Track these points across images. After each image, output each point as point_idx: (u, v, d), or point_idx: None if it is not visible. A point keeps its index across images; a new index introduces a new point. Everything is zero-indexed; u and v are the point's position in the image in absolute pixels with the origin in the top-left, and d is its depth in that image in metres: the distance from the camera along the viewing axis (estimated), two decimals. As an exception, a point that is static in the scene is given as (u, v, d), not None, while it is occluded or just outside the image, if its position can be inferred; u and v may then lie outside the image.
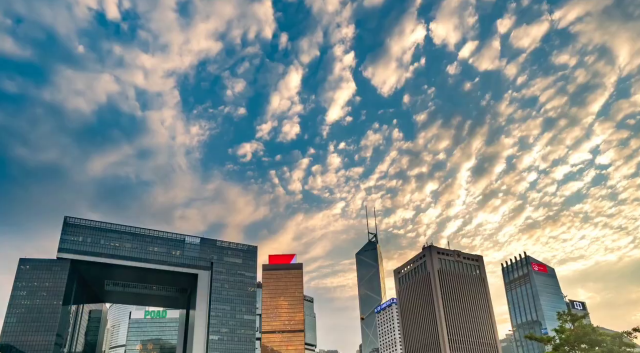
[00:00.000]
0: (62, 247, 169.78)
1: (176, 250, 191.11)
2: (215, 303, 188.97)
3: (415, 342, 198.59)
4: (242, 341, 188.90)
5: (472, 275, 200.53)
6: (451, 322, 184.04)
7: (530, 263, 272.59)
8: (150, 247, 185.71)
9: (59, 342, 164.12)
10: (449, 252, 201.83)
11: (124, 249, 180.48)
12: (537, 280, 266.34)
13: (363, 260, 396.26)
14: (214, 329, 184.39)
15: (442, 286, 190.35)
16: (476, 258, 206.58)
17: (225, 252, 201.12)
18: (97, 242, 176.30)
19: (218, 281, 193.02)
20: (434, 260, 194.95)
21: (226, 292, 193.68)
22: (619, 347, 46.99)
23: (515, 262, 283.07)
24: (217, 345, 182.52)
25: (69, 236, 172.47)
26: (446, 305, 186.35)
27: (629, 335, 47.96)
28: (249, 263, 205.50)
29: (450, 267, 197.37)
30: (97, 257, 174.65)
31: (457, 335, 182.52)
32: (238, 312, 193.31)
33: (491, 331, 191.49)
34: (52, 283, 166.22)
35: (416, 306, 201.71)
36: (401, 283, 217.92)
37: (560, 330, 51.80)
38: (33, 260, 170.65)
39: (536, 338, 57.11)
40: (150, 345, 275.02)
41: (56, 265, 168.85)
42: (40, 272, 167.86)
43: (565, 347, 50.44)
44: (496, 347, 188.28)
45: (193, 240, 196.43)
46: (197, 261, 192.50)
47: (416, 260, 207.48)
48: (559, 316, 53.72)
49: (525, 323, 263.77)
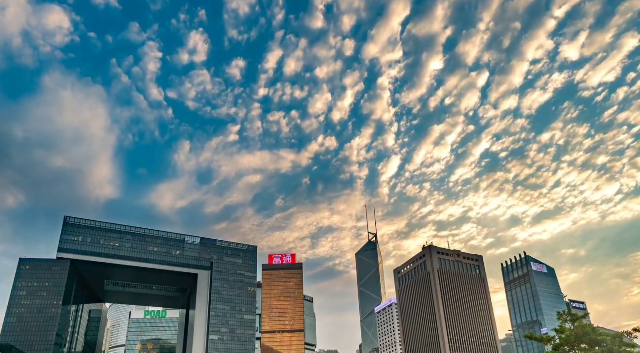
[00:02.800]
0: (62, 247, 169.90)
1: (176, 250, 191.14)
2: (215, 303, 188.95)
3: (415, 342, 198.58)
4: (242, 341, 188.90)
5: (472, 275, 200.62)
6: (451, 322, 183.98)
7: (530, 263, 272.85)
8: (150, 247, 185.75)
9: (59, 342, 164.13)
10: (449, 252, 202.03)
11: (124, 249, 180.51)
12: (537, 280, 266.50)
13: (363, 260, 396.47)
14: (214, 329, 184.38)
15: (442, 286, 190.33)
16: (476, 258, 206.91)
17: (225, 252, 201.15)
18: (97, 242, 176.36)
19: (218, 281, 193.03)
20: (434, 260, 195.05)
21: (226, 292, 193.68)
22: (619, 347, 47.02)
23: (515, 262, 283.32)
24: (217, 345, 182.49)
25: (69, 236, 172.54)
26: (446, 305, 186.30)
27: (629, 335, 48.01)
28: (249, 263, 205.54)
29: (450, 267, 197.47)
30: (97, 257, 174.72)
31: (457, 335, 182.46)
32: (238, 312, 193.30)
33: (491, 331, 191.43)
34: (52, 283, 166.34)
35: (416, 306, 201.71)
36: (401, 283, 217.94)
37: (560, 330, 51.87)
38: (33, 260, 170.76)
39: (536, 338, 57.14)
40: (150, 345, 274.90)
41: (56, 265, 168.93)
42: (40, 272, 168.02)
43: (565, 347, 50.51)
44: (496, 347, 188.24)
45: (193, 240, 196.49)
46: (197, 261, 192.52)
47: (416, 260, 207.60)
48: (559, 316, 53.79)
49: (525, 323, 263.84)
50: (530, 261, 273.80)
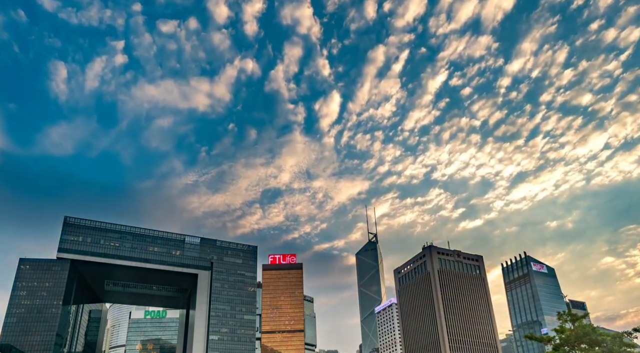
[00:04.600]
0: (62, 247, 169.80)
1: (176, 250, 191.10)
2: (215, 303, 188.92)
3: (415, 342, 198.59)
4: (242, 341, 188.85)
5: (472, 275, 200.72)
6: (451, 322, 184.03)
7: (530, 263, 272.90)
8: (150, 247, 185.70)
9: (59, 342, 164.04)
10: (449, 251, 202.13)
11: (124, 249, 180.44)
12: (537, 280, 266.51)
13: (363, 260, 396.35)
14: (214, 329, 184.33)
15: (442, 286, 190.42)
16: (476, 258, 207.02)
17: (225, 252, 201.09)
18: (97, 242, 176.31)
19: (218, 281, 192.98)
20: (434, 260, 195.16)
21: (226, 292, 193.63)
22: (619, 347, 46.99)
23: (515, 262, 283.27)
24: (217, 345, 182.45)
25: (69, 236, 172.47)
26: (446, 305, 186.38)
27: (629, 335, 47.97)
28: (249, 263, 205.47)
29: (450, 267, 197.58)
30: (97, 257, 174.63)
31: (457, 335, 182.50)
32: (238, 312, 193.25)
33: (491, 331, 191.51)
34: (52, 283, 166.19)
35: (416, 306, 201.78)
36: (401, 283, 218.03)
37: (560, 330, 51.83)
38: (33, 260, 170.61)
39: (536, 338, 57.16)
40: (150, 345, 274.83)
41: (56, 265, 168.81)
42: (40, 272, 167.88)
43: (565, 347, 50.48)
44: (496, 347, 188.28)
45: (193, 240, 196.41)
46: (197, 261, 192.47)
47: (416, 260, 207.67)
48: (559, 316, 53.72)
49: (525, 323, 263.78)
50: (530, 261, 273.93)
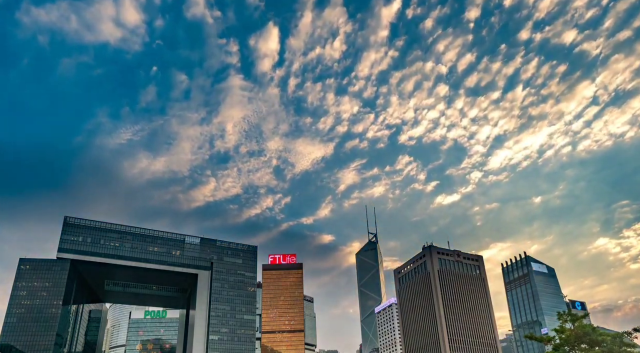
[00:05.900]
0: (62, 247, 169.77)
1: (176, 250, 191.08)
2: (215, 303, 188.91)
3: (415, 342, 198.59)
4: (242, 341, 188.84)
5: (472, 275, 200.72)
6: (451, 322, 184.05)
7: (530, 263, 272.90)
8: (150, 247, 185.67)
9: (59, 342, 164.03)
10: (449, 252, 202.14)
11: (124, 249, 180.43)
12: (537, 280, 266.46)
13: (363, 260, 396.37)
14: (214, 329, 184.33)
15: (442, 286, 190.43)
16: (476, 258, 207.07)
17: (225, 252, 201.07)
18: (97, 242, 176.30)
19: (218, 281, 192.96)
20: (434, 260, 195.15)
21: (226, 292, 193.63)
22: (619, 347, 47.00)
23: (515, 262, 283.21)
24: (217, 345, 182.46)
25: (69, 236, 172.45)
26: (446, 305, 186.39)
27: (629, 335, 47.98)
28: (249, 263, 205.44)
29: (450, 267, 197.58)
30: (97, 257, 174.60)
31: (457, 335, 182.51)
32: (238, 312, 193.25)
33: (491, 331, 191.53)
34: (52, 283, 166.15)
35: (416, 306, 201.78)
36: (401, 283, 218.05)
37: (560, 330, 51.83)
38: (33, 260, 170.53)
39: (536, 338, 57.14)
40: (150, 345, 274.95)
41: (56, 265, 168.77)
42: (40, 272, 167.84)
43: (565, 347, 50.48)
44: (496, 347, 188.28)
45: (193, 240, 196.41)
46: (197, 261, 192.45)
47: (416, 260, 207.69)
48: (559, 316, 53.70)
49: (525, 323, 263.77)
50: (530, 261, 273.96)
